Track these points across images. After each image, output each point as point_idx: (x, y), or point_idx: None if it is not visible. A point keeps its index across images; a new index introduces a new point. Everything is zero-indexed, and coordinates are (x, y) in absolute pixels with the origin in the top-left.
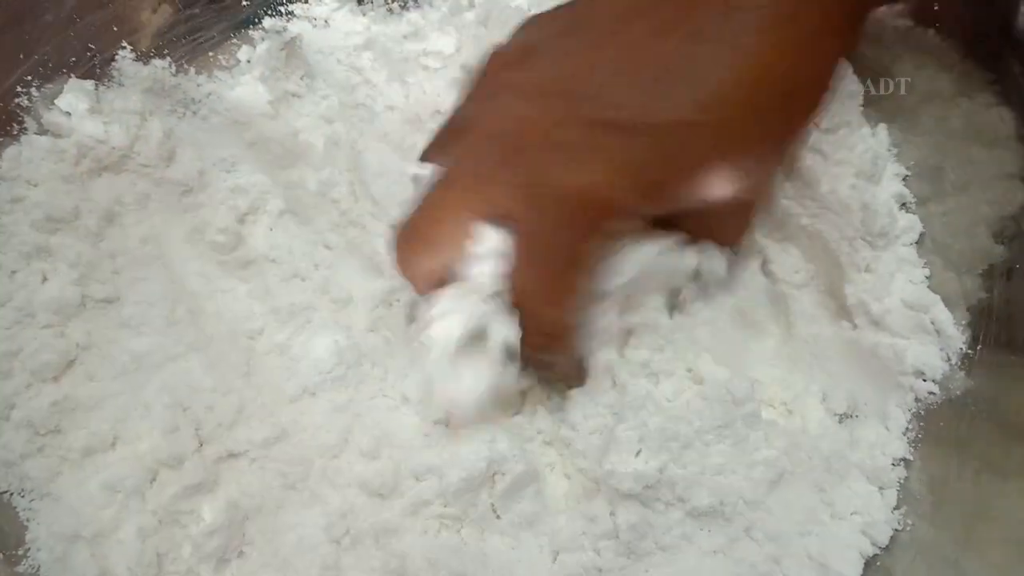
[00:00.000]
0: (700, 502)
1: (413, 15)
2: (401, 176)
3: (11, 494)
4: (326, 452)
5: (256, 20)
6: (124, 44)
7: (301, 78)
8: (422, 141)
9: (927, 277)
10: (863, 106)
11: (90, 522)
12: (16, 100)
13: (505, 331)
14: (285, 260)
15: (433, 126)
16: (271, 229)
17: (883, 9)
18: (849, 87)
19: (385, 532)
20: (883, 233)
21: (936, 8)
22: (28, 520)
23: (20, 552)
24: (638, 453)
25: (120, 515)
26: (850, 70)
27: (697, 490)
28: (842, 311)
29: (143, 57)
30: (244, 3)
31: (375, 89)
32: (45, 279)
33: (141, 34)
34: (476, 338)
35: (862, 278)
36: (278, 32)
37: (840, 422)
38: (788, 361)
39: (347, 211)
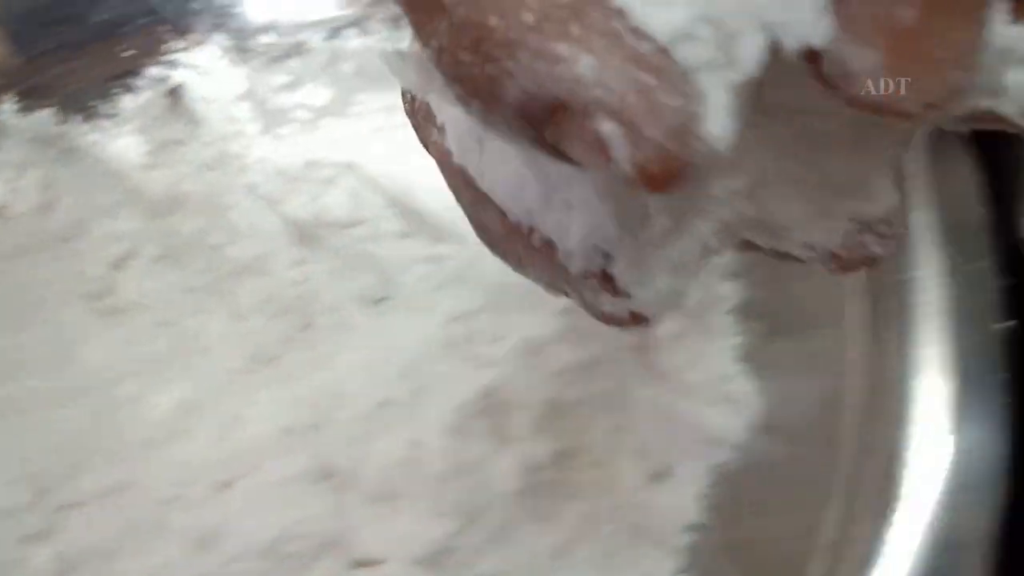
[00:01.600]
0: (482, 571)
1: (293, 63)
2: (270, 226)
3: None
4: (161, 503)
5: (139, 69)
6: (3, 97)
7: (185, 125)
8: (293, 193)
9: (739, 344)
10: None
11: None
12: None
13: None
14: (154, 307)
15: (305, 179)
16: (144, 276)
17: None
18: None
19: None
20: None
21: None
22: None
23: None
24: (437, 515)
25: None
26: None
27: (481, 559)
28: (655, 374)
29: (26, 108)
30: (127, 53)
31: (249, 140)
32: None
33: (23, 86)
34: None
35: (674, 344)
36: (161, 80)
37: (652, 482)
38: (607, 420)
39: (220, 259)
